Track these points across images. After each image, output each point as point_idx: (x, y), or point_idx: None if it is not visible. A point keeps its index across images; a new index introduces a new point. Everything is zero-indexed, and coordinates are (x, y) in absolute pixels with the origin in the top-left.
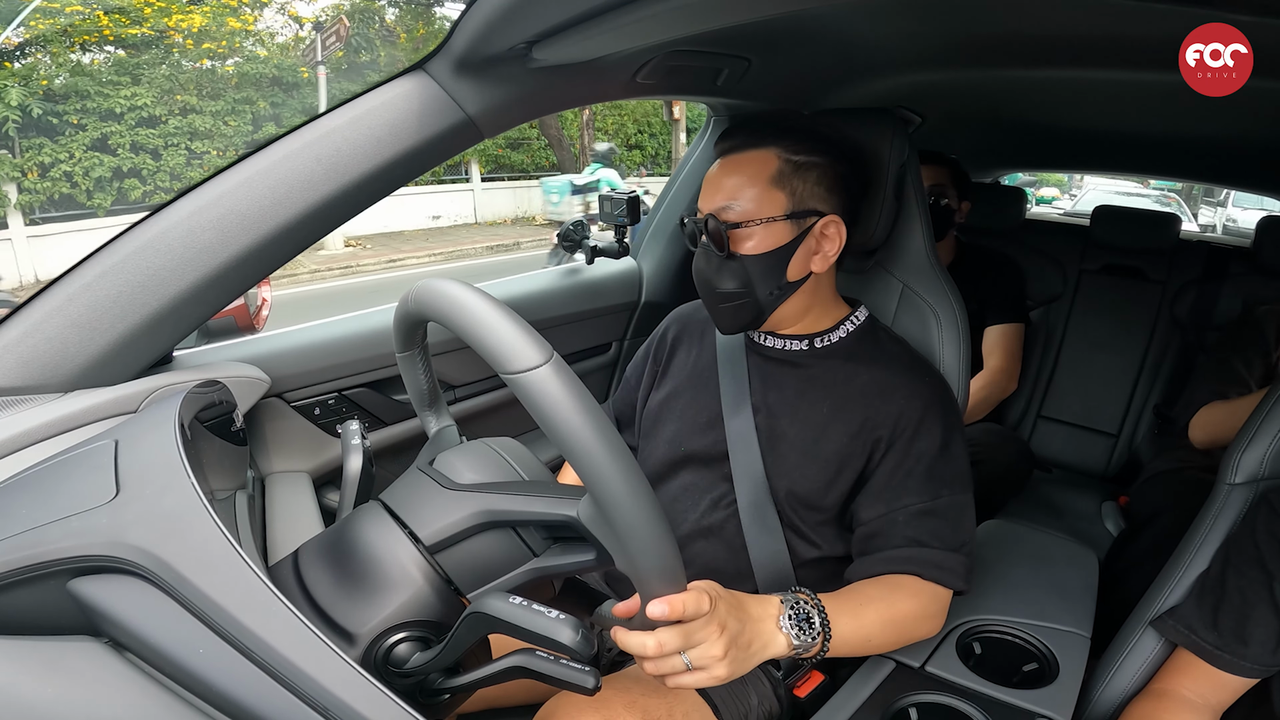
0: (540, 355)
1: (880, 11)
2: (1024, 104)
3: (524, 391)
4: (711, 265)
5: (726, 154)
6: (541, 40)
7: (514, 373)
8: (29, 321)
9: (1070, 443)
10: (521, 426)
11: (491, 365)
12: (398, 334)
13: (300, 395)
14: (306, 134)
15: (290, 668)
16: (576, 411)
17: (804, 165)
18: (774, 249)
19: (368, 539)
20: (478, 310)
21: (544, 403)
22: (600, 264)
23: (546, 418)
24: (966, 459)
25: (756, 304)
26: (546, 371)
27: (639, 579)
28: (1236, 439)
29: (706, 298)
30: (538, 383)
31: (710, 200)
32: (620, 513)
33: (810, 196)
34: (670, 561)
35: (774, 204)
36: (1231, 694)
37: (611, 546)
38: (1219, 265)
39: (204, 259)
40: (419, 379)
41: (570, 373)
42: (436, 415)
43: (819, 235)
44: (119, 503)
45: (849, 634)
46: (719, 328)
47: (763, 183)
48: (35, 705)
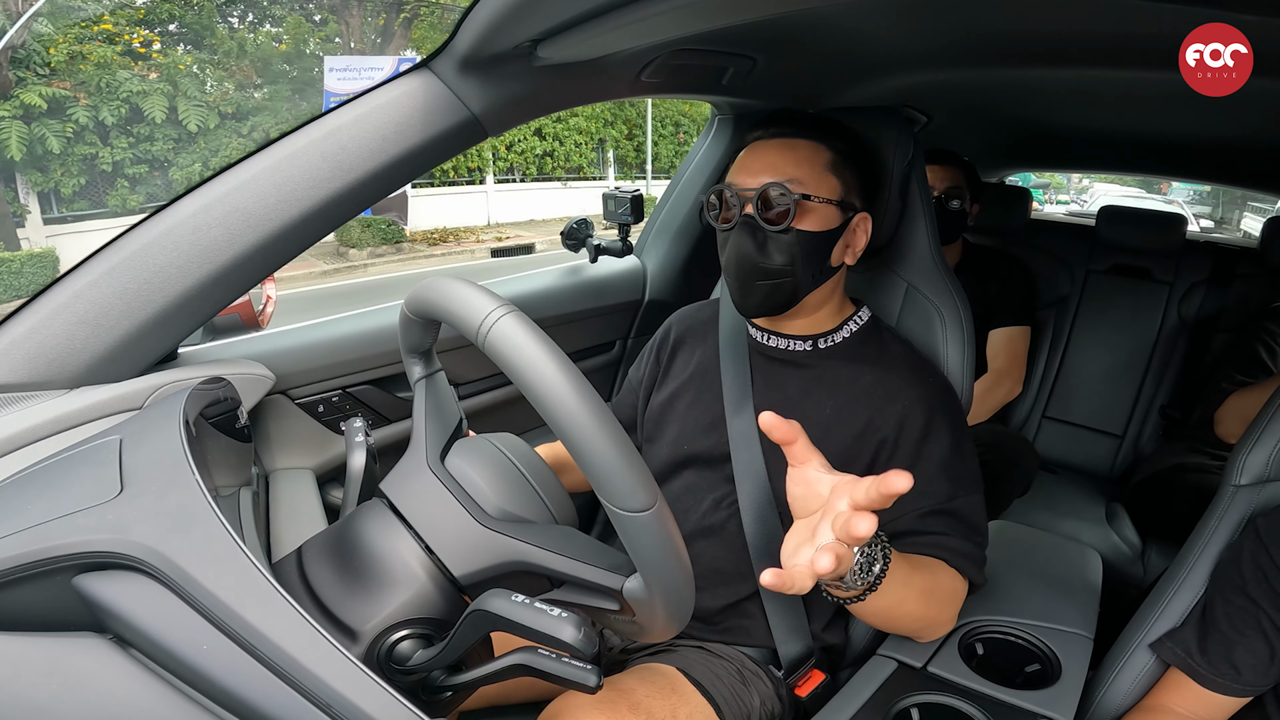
0: (648, 499)
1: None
2: (1029, 104)
3: (626, 528)
4: (757, 239)
5: (774, 137)
6: (546, 39)
7: (623, 510)
8: (35, 318)
9: (1076, 443)
10: (524, 424)
11: (598, 492)
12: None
13: (305, 392)
14: (312, 132)
15: (293, 664)
16: (671, 556)
17: (849, 162)
18: (826, 230)
19: (371, 536)
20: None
21: (645, 544)
22: (604, 262)
23: (643, 556)
24: (976, 458)
25: (795, 284)
26: (654, 513)
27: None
28: (1242, 440)
29: (742, 276)
30: (643, 524)
31: (761, 175)
32: (673, 610)
33: (853, 190)
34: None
35: (830, 188)
36: (1224, 713)
37: (643, 616)
38: (1227, 266)
39: (210, 256)
40: (423, 340)
41: (668, 515)
42: (426, 363)
43: (853, 229)
44: (124, 499)
45: (896, 588)
46: (743, 310)
47: (820, 166)
48: (39, 701)
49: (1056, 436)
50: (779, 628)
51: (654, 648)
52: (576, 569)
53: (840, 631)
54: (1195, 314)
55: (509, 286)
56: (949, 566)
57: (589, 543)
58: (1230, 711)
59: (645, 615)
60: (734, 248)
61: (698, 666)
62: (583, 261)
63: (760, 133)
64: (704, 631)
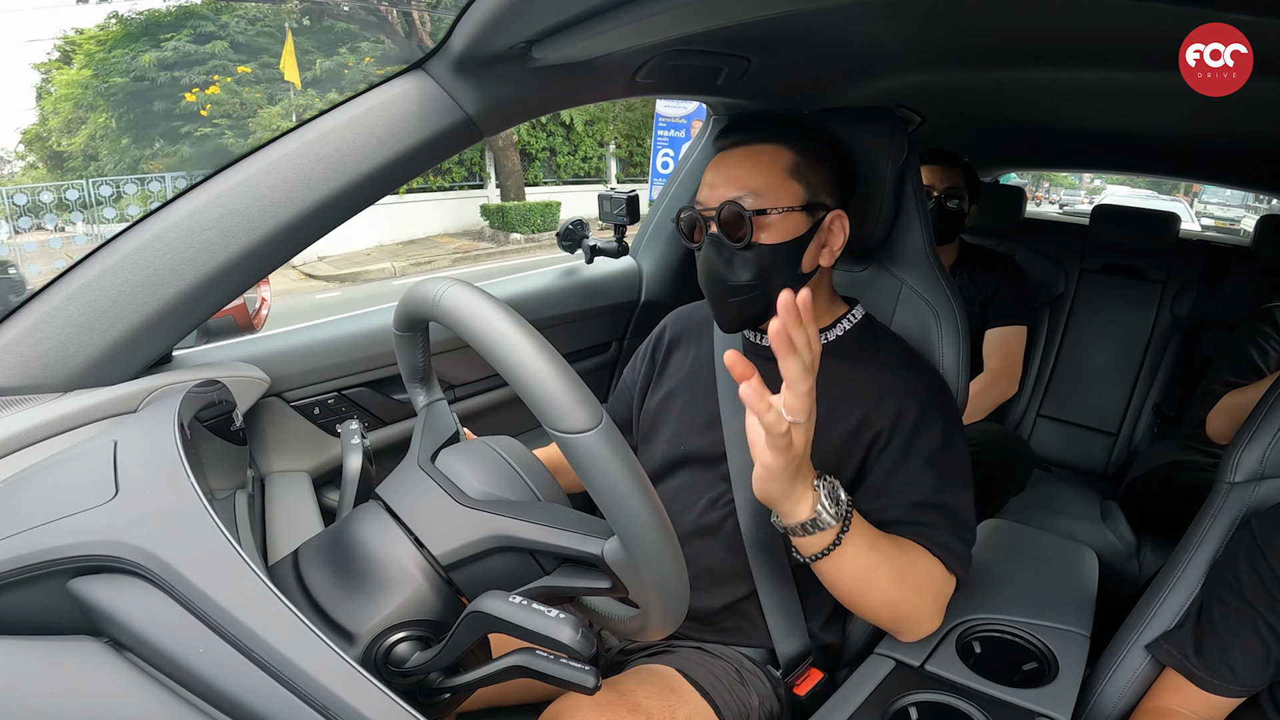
0: (592, 418)
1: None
2: (1023, 103)
3: (571, 451)
4: (723, 257)
5: (735, 146)
6: (541, 39)
7: (563, 432)
8: (28, 321)
9: (1070, 442)
10: (521, 425)
11: (538, 417)
12: (402, 320)
13: (300, 395)
14: (306, 133)
15: (290, 667)
16: (623, 478)
17: (814, 160)
18: (791, 239)
19: (368, 538)
20: (530, 364)
21: (592, 465)
22: (600, 263)
23: (592, 479)
24: (967, 456)
25: (768, 296)
26: (597, 437)
27: (649, 615)
28: (1236, 437)
29: (714, 293)
30: (586, 446)
31: (720, 191)
32: (652, 566)
33: (821, 190)
34: (683, 605)
35: (792, 194)
36: (1223, 712)
37: (632, 585)
38: (1219, 265)
39: (204, 258)
40: (415, 358)
41: (617, 435)
42: (427, 390)
43: (827, 229)
44: (118, 502)
45: (865, 547)
46: (722, 326)
47: (779, 173)
48: (34, 705)
49: (1051, 435)
50: (777, 627)
51: (652, 648)
52: (554, 536)
53: (838, 631)
54: (1188, 313)
55: (504, 287)
56: (931, 555)
57: (570, 513)
58: (1228, 710)
59: (632, 583)
60: (704, 265)
61: (696, 667)
62: (579, 262)
63: (723, 142)
64: (702, 632)
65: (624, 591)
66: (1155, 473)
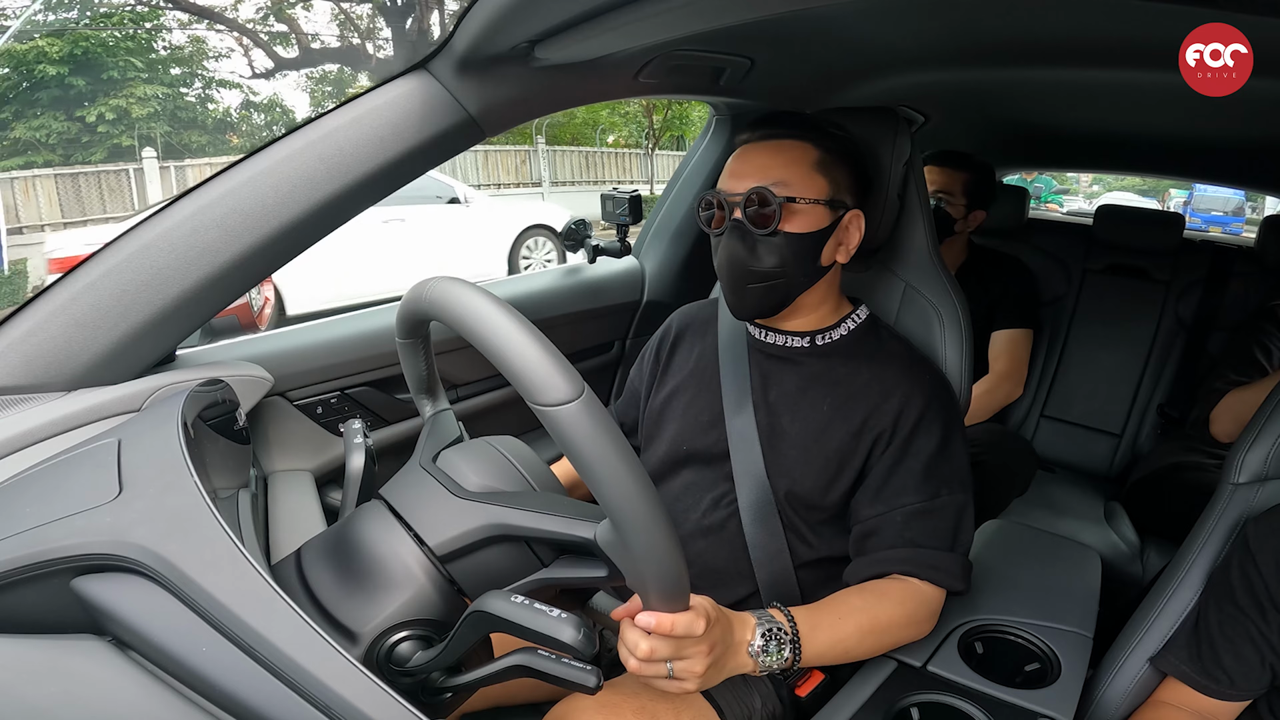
0: (573, 390)
1: (882, 11)
2: (1026, 104)
3: (553, 424)
4: (746, 244)
5: (762, 139)
6: (544, 39)
7: (544, 405)
8: (32, 320)
9: (1074, 442)
10: (523, 425)
11: (520, 393)
12: (402, 324)
13: (303, 394)
14: (309, 133)
15: (293, 666)
16: (606, 450)
17: (837, 159)
18: (814, 230)
19: (370, 538)
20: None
21: (574, 436)
22: (603, 263)
23: (575, 451)
24: (967, 458)
25: (788, 285)
26: (578, 408)
27: (647, 596)
28: (1241, 437)
29: (733, 279)
30: (568, 417)
31: (748, 179)
32: (640, 541)
33: (843, 188)
34: (680, 584)
35: (818, 188)
36: (1229, 714)
37: (626, 568)
38: (1224, 265)
39: (207, 258)
40: (419, 366)
41: (600, 407)
42: (433, 400)
43: (845, 227)
44: (122, 501)
45: (825, 648)
46: (736, 313)
47: (806, 166)
48: (38, 703)
49: (1055, 436)
50: None
51: None
52: (546, 522)
53: None
54: (1192, 313)
55: (507, 287)
56: (917, 581)
57: (563, 500)
58: (1235, 713)
59: (625, 564)
60: (725, 252)
61: None
62: (581, 262)
63: (748, 135)
64: None
65: (621, 580)
66: (1159, 474)
